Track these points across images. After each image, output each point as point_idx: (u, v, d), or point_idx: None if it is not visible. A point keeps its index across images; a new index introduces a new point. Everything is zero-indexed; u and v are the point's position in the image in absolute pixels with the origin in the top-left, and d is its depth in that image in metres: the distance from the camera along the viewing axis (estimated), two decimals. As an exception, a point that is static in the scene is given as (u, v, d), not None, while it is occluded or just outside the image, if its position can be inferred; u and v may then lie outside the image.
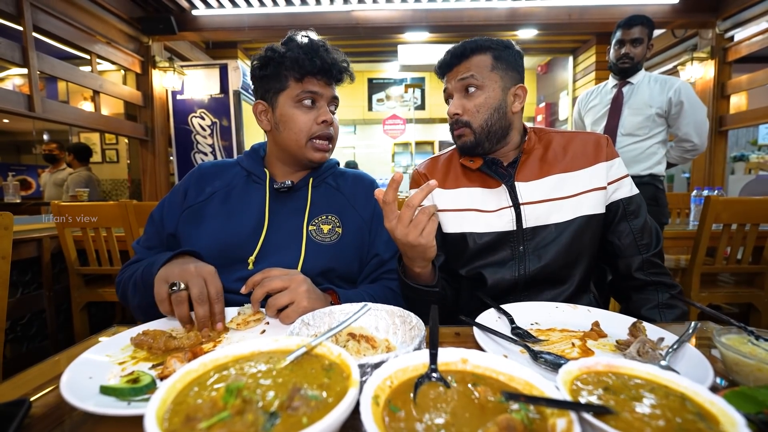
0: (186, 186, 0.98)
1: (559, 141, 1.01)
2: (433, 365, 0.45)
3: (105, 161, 5.94)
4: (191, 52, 4.69)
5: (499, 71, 0.95)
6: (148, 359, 0.61)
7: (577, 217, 0.94)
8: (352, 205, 1.00)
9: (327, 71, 0.92)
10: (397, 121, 6.69)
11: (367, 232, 0.99)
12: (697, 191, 2.54)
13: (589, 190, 0.95)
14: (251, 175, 0.99)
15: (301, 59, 0.89)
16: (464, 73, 0.94)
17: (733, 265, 2.03)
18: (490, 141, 0.97)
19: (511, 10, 3.83)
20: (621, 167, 0.99)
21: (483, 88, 0.94)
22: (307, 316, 0.66)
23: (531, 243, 0.95)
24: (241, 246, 0.90)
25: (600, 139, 1.00)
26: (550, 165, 0.98)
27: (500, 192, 0.98)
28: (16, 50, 2.58)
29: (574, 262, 0.96)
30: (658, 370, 0.44)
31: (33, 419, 0.47)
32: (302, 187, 0.98)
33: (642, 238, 0.96)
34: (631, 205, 0.97)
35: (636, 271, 0.96)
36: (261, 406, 0.35)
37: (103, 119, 3.48)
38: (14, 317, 2.17)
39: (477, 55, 0.95)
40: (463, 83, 0.95)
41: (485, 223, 0.97)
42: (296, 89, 0.91)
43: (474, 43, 0.95)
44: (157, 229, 0.96)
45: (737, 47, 3.72)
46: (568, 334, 0.70)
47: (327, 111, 0.94)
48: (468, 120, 0.95)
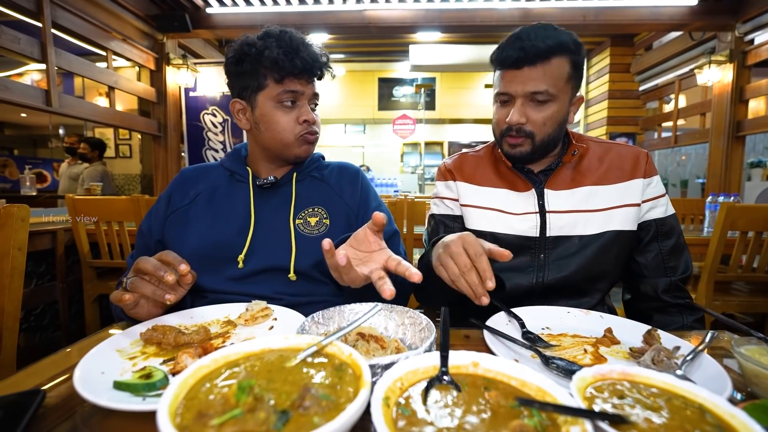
0: (170, 192, 0.98)
1: (596, 151, 0.97)
2: (444, 368, 0.44)
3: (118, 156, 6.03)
4: (204, 49, 4.75)
5: (573, 80, 0.86)
6: (158, 355, 0.61)
7: (606, 231, 0.91)
8: (338, 194, 0.99)
9: (308, 70, 0.89)
10: (407, 121, 6.68)
11: (354, 219, 0.97)
12: (712, 197, 2.49)
13: (621, 205, 0.92)
14: (234, 174, 0.98)
15: (281, 60, 0.85)
16: (538, 83, 0.82)
17: (749, 273, 1.98)
18: (542, 152, 0.92)
19: (524, 11, 3.80)
20: (659, 186, 0.95)
21: (555, 100, 0.84)
22: (317, 315, 0.66)
23: (552, 252, 0.92)
24: (229, 245, 0.89)
25: (639, 155, 0.95)
26: (583, 176, 0.94)
27: (528, 196, 0.95)
28: (35, 46, 2.64)
29: (598, 277, 0.93)
30: (675, 379, 0.43)
31: (46, 409, 0.48)
32: (287, 183, 0.97)
33: (670, 260, 0.93)
34: (664, 226, 0.94)
35: (663, 293, 0.93)
36: (272, 404, 0.35)
37: (117, 115, 3.54)
38: (28, 307, 2.22)
39: (557, 58, 0.82)
40: (534, 95, 0.84)
41: (507, 225, 0.95)
42: (276, 89, 0.88)
43: (556, 40, 0.81)
44: (146, 240, 0.96)
45: (757, 50, 3.63)
46: (580, 339, 0.69)
47: (308, 110, 0.92)
48: (532, 131, 0.87)
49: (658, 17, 3.77)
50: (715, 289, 1.96)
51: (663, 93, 5.03)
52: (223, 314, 0.77)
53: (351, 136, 8.83)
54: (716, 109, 3.95)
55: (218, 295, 0.87)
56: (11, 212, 0.99)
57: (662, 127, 5.11)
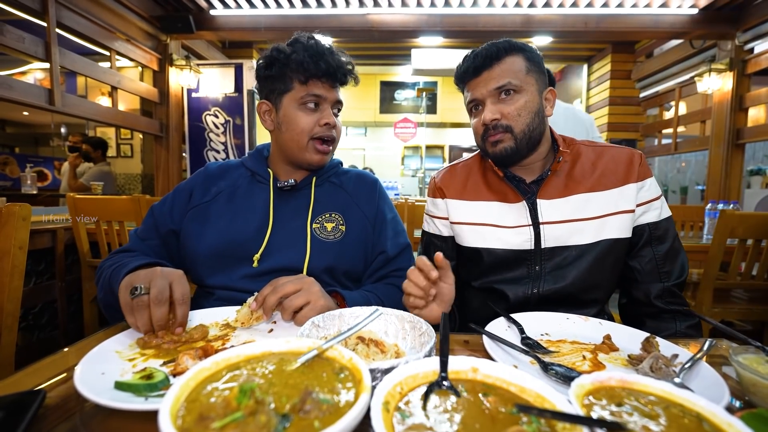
0: (192, 186, 0.99)
1: (589, 156, 0.95)
2: (443, 373, 0.45)
3: (120, 156, 6.04)
4: (207, 51, 4.76)
5: (534, 73, 0.89)
6: (157, 356, 0.61)
7: (601, 240, 0.89)
8: (355, 202, 1.00)
9: (332, 75, 0.91)
10: (409, 124, 6.70)
11: (371, 229, 0.99)
12: (711, 204, 2.49)
13: (615, 212, 0.90)
14: (255, 175, 1.00)
15: (306, 62, 0.89)
16: (499, 78, 0.86)
17: (748, 281, 1.99)
18: (528, 147, 0.90)
19: (526, 17, 3.82)
20: (653, 188, 0.92)
21: (521, 91, 0.87)
22: (317, 318, 0.67)
23: (548, 263, 0.91)
24: (246, 244, 0.91)
25: (633, 156, 0.93)
26: (577, 183, 0.92)
27: (520, 208, 0.93)
28: (39, 45, 2.65)
29: (595, 287, 0.92)
30: (673, 387, 0.43)
31: (46, 409, 0.48)
32: (305, 186, 0.99)
33: (664, 265, 0.91)
34: (657, 230, 0.91)
35: (655, 298, 0.91)
36: (273, 407, 0.35)
37: (120, 114, 3.55)
38: (26, 306, 2.21)
39: (510, 56, 0.87)
40: (499, 89, 0.87)
41: (501, 240, 0.94)
42: (301, 92, 0.91)
43: (506, 43, 0.88)
44: (156, 222, 0.96)
45: (757, 59, 3.66)
46: (578, 346, 0.69)
47: (330, 114, 0.94)
48: (509, 124, 0.88)
49: (659, 25, 3.79)
50: (714, 296, 1.96)
51: (663, 100, 5.04)
52: (222, 317, 0.77)
53: (352, 139, 8.86)
54: (716, 117, 3.96)
55: (230, 292, 0.89)
56: (13, 211, 1.00)
57: (662, 133, 5.12)
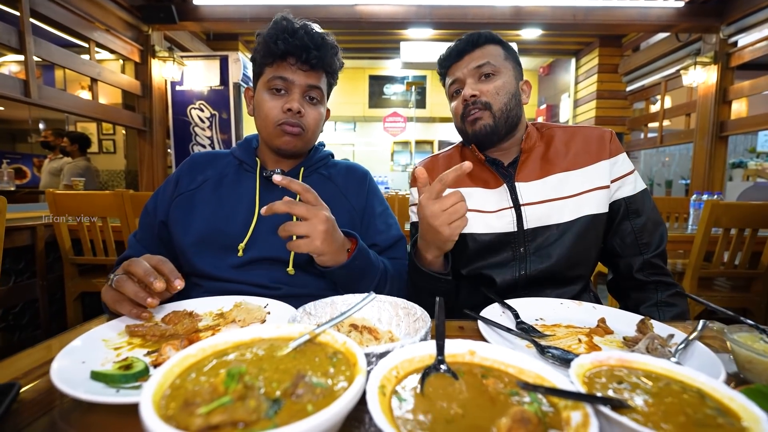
0: (178, 174, 0.98)
1: (562, 137, 0.98)
2: (440, 356, 0.43)
3: (102, 152, 5.88)
4: (192, 42, 4.64)
5: (510, 62, 0.96)
6: (143, 345, 0.59)
7: (580, 217, 0.92)
8: (343, 194, 0.98)
9: (297, 55, 0.85)
10: (398, 119, 6.67)
11: (359, 222, 0.97)
12: (696, 195, 2.54)
13: (591, 189, 0.93)
14: (243, 163, 0.98)
15: (267, 42, 0.86)
16: (480, 59, 0.93)
17: (730, 269, 2.03)
18: (506, 127, 0.95)
19: (515, 9, 3.82)
20: (625, 163, 0.96)
21: (499, 73, 0.93)
22: (309, 306, 0.65)
23: (532, 244, 0.93)
24: (231, 233, 0.89)
25: (604, 135, 0.97)
26: (552, 164, 0.95)
27: (501, 192, 0.96)
28: (12, 34, 2.53)
29: (578, 263, 0.94)
30: (672, 365, 0.42)
31: (22, 404, 0.46)
32: (294, 177, 0.97)
33: (642, 237, 0.94)
34: (633, 203, 0.94)
35: (637, 272, 0.94)
36: (263, 392, 0.33)
37: (100, 108, 3.44)
38: (6, 306, 2.14)
39: (490, 45, 0.95)
40: (479, 70, 0.93)
41: (485, 224, 0.95)
42: (269, 74, 0.89)
43: (488, 33, 0.96)
44: (150, 220, 0.95)
45: (740, 53, 3.73)
46: (574, 330, 0.69)
47: (295, 99, 0.88)
48: (488, 101, 0.92)
49: (645, 18, 3.83)
50: (698, 285, 2.00)
51: (649, 93, 5.12)
52: (216, 307, 0.75)
53: (341, 134, 8.78)
54: (701, 110, 4.03)
55: (216, 281, 0.86)
56: (-14, 203, 0.95)
57: (648, 127, 5.20)
